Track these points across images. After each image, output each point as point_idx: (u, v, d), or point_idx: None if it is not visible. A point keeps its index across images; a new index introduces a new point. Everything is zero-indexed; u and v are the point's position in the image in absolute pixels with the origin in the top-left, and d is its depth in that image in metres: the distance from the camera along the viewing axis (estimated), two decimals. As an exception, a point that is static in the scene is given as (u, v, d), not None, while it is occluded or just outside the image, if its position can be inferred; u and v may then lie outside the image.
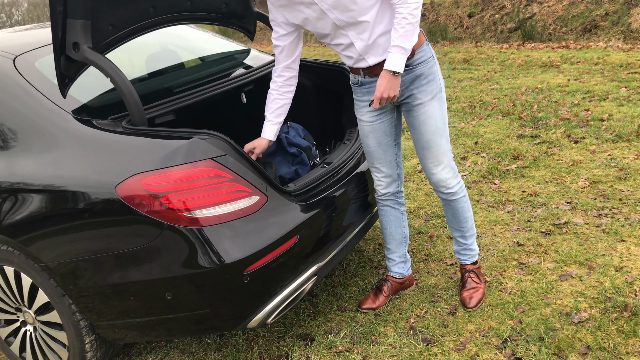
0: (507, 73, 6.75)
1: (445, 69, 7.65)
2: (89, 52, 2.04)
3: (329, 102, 3.00)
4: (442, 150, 2.25)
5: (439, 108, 2.21)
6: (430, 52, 2.18)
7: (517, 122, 4.77)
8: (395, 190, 2.46)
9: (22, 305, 2.30)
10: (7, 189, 2.11)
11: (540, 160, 3.84)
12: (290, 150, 2.60)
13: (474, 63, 7.72)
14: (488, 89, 6.12)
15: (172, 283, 1.95)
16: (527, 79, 6.27)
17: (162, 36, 3.26)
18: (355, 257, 3.00)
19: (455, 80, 6.81)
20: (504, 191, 3.48)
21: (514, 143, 4.27)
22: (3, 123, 2.18)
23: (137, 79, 2.76)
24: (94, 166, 1.98)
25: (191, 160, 1.91)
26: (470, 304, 2.40)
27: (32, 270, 2.15)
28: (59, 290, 2.13)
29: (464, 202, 2.39)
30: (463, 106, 5.56)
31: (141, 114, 2.06)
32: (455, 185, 2.34)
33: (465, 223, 2.44)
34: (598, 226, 2.87)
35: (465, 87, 6.34)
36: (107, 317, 2.11)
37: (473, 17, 13.97)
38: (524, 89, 5.81)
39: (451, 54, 8.76)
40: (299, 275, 2.14)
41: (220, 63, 2.97)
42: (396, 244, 2.53)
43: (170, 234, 1.89)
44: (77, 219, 1.99)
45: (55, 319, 2.22)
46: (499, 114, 5.10)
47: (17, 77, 2.25)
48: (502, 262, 2.71)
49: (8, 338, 2.45)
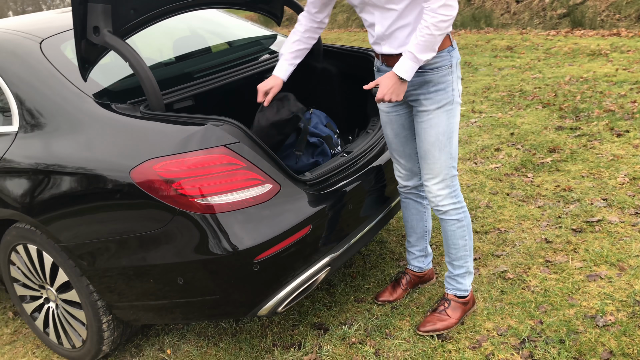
0: (551, 61, 6.49)
1: (487, 56, 7.43)
2: (109, 37, 2.05)
3: (354, 89, 2.94)
4: (439, 164, 2.11)
5: (446, 121, 2.06)
6: (449, 60, 2.02)
7: (558, 113, 4.59)
8: (416, 184, 2.37)
9: (45, 282, 2.37)
10: (25, 168, 2.16)
11: (578, 154, 3.68)
12: (311, 140, 2.56)
13: (517, 51, 7.46)
14: (530, 77, 5.90)
15: (183, 268, 1.96)
16: (573, 67, 6.02)
17: (192, 20, 3.26)
18: (377, 247, 2.96)
19: (496, 68, 6.60)
20: (537, 185, 3.35)
21: (552, 135, 4.11)
22: (27, 104, 2.22)
23: (160, 63, 2.77)
24: (110, 149, 2.00)
25: (204, 147, 1.91)
26: (421, 328, 2.24)
27: (53, 250, 2.20)
28: (77, 270, 2.17)
29: (456, 227, 2.19)
30: (502, 95, 5.39)
31: (158, 99, 2.06)
32: (447, 205, 2.16)
33: (454, 250, 2.24)
34: (634, 225, 2.73)
35: (506, 76, 6.14)
36: (122, 298, 2.14)
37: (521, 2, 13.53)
38: (567, 78, 5.58)
39: (494, 41, 8.50)
40: (311, 265, 2.11)
41: (245, 48, 2.95)
42: (417, 237, 2.47)
43: (181, 220, 1.90)
44: (92, 201, 2.02)
45: (75, 298, 2.27)
46: (539, 104, 4.91)
47: (43, 60, 2.29)
48: (527, 259, 2.61)
49: (33, 313, 2.53)
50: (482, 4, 14.43)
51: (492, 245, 2.79)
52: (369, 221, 2.37)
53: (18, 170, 2.19)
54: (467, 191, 3.42)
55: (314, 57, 2.98)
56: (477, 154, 4.00)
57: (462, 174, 3.70)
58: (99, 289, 2.16)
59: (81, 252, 2.10)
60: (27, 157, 2.18)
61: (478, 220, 3.05)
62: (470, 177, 3.62)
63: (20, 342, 2.66)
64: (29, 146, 2.19)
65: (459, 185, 2.18)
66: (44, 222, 2.13)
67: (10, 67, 2.31)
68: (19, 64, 2.30)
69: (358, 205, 2.30)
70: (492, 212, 3.11)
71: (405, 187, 2.39)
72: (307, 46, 2.35)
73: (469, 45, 8.50)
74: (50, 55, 2.30)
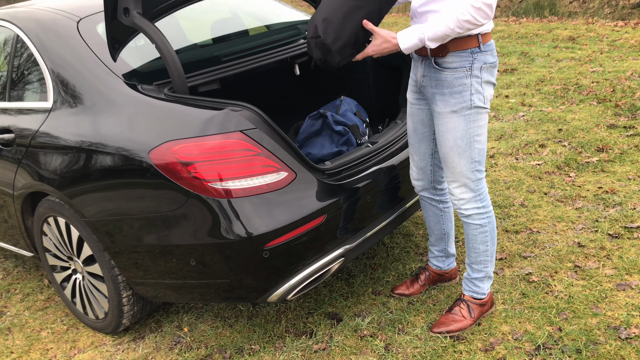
0: (614, 54, 6.14)
1: (547, 46, 7.11)
2: (138, 18, 2.08)
3: (387, 78, 2.89)
4: (459, 169, 2.02)
5: (464, 126, 1.96)
6: (470, 62, 1.90)
7: (612, 110, 4.35)
8: (427, 186, 2.28)
9: (72, 254, 2.47)
10: (56, 144, 2.24)
11: (627, 155, 3.48)
12: (336, 129, 2.53)
13: (579, 42, 7.10)
14: (588, 71, 5.61)
15: (196, 250, 1.99)
16: (637, 62, 5.67)
17: (232, 2, 3.27)
18: (402, 240, 2.91)
19: (554, 60, 6.31)
20: (578, 185, 3.20)
21: (603, 133, 3.90)
22: (63, 81, 2.30)
23: (195, 44, 2.80)
24: (133, 129, 2.05)
25: (221, 132, 1.92)
26: (434, 328, 2.19)
27: (79, 224, 2.29)
28: (100, 245, 2.25)
29: (478, 232, 2.12)
30: (555, 89, 5.15)
31: (182, 81, 2.09)
32: (470, 210, 2.08)
33: (474, 254, 2.17)
34: (676, 234, 2.57)
35: (563, 68, 5.86)
36: (140, 275, 2.21)
37: (592, -10, 12.85)
38: (629, 73, 5.26)
39: (556, 31, 8.13)
40: (324, 255, 2.10)
41: (280, 32, 2.94)
42: (435, 238, 2.40)
43: (195, 203, 1.92)
44: (113, 179, 2.08)
45: (98, 272, 2.36)
46: (594, 99, 4.67)
47: (79, 38, 2.36)
48: (555, 263, 2.50)
49: (63, 283, 2.65)
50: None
51: (521, 245, 2.69)
52: (388, 215, 2.33)
53: (50, 145, 2.28)
54: (504, 188, 3.31)
55: (349, 44, 2.94)
56: (519, 149, 3.85)
57: (501, 170, 3.57)
58: (119, 264, 2.23)
59: (102, 228, 2.17)
60: (58, 132, 2.26)
61: (510, 218, 2.95)
62: (509, 173, 3.50)
63: (52, 309, 2.80)
64: (61, 122, 2.28)
65: (485, 189, 2.09)
66: (69, 196, 2.22)
67: (48, 44, 2.40)
68: (57, 42, 2.38)
69: (377, 198, 2.27)
70: (526, 211, 2.99)
71: (417, 187, 2.31)
72: None
73: (529, 35, 8.16)
74: (85, 35, 2.37)
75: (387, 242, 2.92)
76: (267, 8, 3.26)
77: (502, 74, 6.05)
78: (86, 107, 2.21)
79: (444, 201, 2.33)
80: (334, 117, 2.57)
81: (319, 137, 2.60)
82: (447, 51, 1.91)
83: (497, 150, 3.89)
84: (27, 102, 2.51)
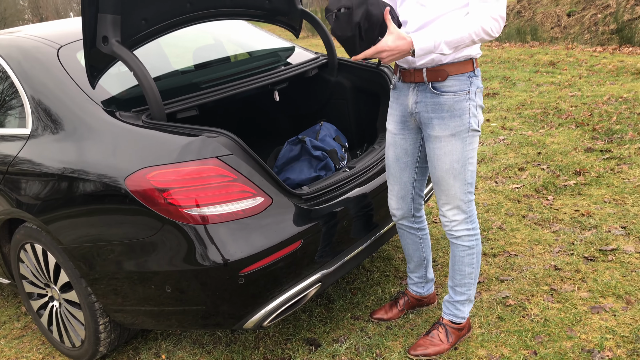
0: (593, 79, 6.28)
1: (528, 71, 7.25)
2: (117, 46, 2.11)
3: (366, 104, 2.93)
4: (453, 192, 2.04)
5: (461, 149, 1.98)
6: (468, 86, 1.94)
7: (590, 133, 4.43)
8: (407, 215, 2.29)
9: (49, 281, 2.45)
10: (33, 170, 2.25)
11: (603, 178, 3.54)
12: (315, 154, 2.56)
13: (559, 66, 7.25)
14: (568, 95, 5.72)
15: (171, 277, 1.99)
16: (614, 87, 5.80)
17: (216, 29, 3.31)
18: (382, 264, 2.92)
19: (535, 84, 6.43)
20: (555, 208, 3.24)
21: (580, 156, 3.97)
22: (42, 107, 2.31)
23: (176, 71, 2.83)
24: (109, 156, 2.06)
25: (197, 158, 1.94)
26: (412, 351, 2.20)
27: (56, 251, 2.28)
28: (77, 272, 2.24)
29: (466, 253, 2.14)
30: (536, 112, 5.24)
31: (160, 108, 2.11)
32: (460, 231, 2.11)
33: (459, 276, 2.18)
34: (650, 257, 2.61)
35: (543, 92, 5.97)
36: (117, 302, 2.19)
37: (573, 16, 13.15)
38: (606, 97, 5.38)
39: (538, 56, 8.29)
40: (301, 280, 2.11)
41: (260, 59, 2.98)
42: (414, 264, 2.42)
43: (170, 229, 1.93)
44: (89, 206, 2.08)
45: (75, 299, 2.34)
46: (573, 123, 4.76)
47: (59, 66, 2.38)
48: (532, 286, 2.53)
49: (39, 310, 2.62)
50: (532, 17, 14.12)
51: (499, 269, 2.71)
52: (365, 239, 2.35)
53: (27, 172, 2.28)
54: (483, 211, 3.35)
55: (328, 71, 2.99)
56: (499, 172, 3.90)
57: (480, 193, 3.62)
58: (96, 291, 2.22)
59: (80, 254, 2.16)
60: (36, 159, 2.27)
61: (488, 242, 2.98)
62: (488, 197, 3.54)
63: (28, 338, 2.76)
64: (39, 148, 2.28)
65: (475, 211, 2.12)
66: (46, 223, 2.21)
67: (29, 71, 2.42)
68: (37, 69, 2.40)
69: (354, 223, 2.29)
70: (504, 235, 3.03)
71: (396, 216, 2.32)
72: None
73: (511, 59, 8.31)
74: (65, 62, 2.39)
75: (366, 265, 2.93)
76: (250, 35, 3.31)
77: (484, 98, 6.14)
78: (65, 133, 2.22)
79: (422, 228, 2.35)
80: (313, 142, 2.60)
81: (298, 162, 2.63)
82: (447, 75, 1.92)
83: (478, 174, 3.94)
84: (6, 128, 2.52)
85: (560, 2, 13.56)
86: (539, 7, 14.08)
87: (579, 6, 12.87)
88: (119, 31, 2.14)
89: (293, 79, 2.80)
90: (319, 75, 3.00)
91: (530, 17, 14.33)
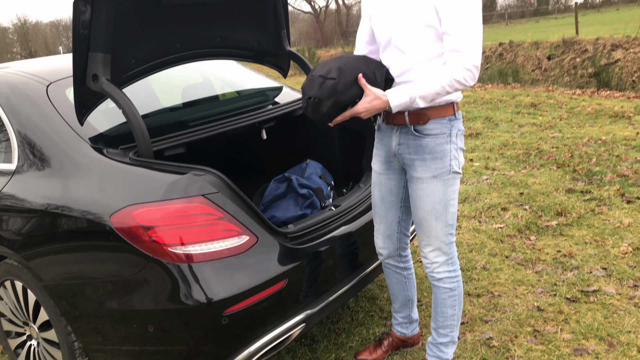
0: (573, 121, 6.44)
1: (510, 112, 7.41)
2: (106, 84, 2.13)
3: (352, 143, 2.97)
4: (434, 233, 2.06)
5: (442, 190, 2.01)
6: (449, 129, 1.98)
7: (571, 174, 4.52)
8: (393, 254, 2.31)
9: (28, 320, 2.40)
10: (16, 206, 2.23)
11: (584, 219, 3.60)
12: (301, 192, 2.58)
13: (540, 108, 7.43)
14: (549, 136, 5.85)
15: (154, 316, 1.97)
16: (593, 129, 5.95)
17: (204, 67, 3.36)
18: (367, 304, 2.92)
19: (517, 125, 6.57)
20: (538, 249, 3.28)
21: (562, 197, 4.03)
22: (28, 143, 2.31)
23: (165, 109, 2.86)
24: (95, 193, 2.06)
25: (183, 196, 1.94)
26: None
27: (36, 288, 2.24)
28: (57, 310, 2.20)
29: (447, 295, 2.14)
30: (518, 153, 5.34)
31: (148, 146, 2.12)
32: (441, 273, 2.12)
33: (442, 318, 2.18)
34: (631, 298, 2.63)
35: (525, 133, 6.10)
36: (97, 341, 2.15)
37: (553, 59, 13.53)
38: (586, 139, 5.51)
39: (519, 97, 8.48)
40: (285, 320, 2.09)
41: (248, 98, 3.02)
42: (399, 304, 2.42)
43: (154, 267, 1.92)
44: (73, 243, 2.06)
45: (54, 338, 2.29)
46: (554, 164, 4.85)
47: (48, 102, 2.39)
48: (516, 327, 2.53)
49: (17, 349, 2.56)
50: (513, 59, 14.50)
51: (483, 309, 2.72)
52: (351, 279, 2.35)
53: (10, 207, 2.26)
54: (467, 251, 3.37)
55: (315, 111, 3.04)
56: (482, 212, 3.95)
57: (464, 233, 3.65)
58: (76, 330, 2.18)
59: (61, 292, 2.13)
60: (21, 194, 2.26)
61: (472, 282, 2.99)
62: (471, 236, 3.57)
63: (4, 376, 2.69)
64: (25, 184, 2.27)
65: (456, 252, 2.13)
66: (27, 259, 2.19)
67: (17, 106, 2.42)
68: (25, 105, 2.41)
69: (339, 262, 2.29)
70: (487, 275, 3.04)
71: (382, 255, 2.33)
72: None
73: (494, 100, 8.50)
74: (54, 98, 2.41)
75: (351, 305, 2.92)
76: (238, 74, 3.36)
77: (468, 138, 6.25)
78: (51, 170, 2.22)
79: (408, 268, 2.36)
80: (299, 181, 2.62)
81: (284, 200, 2.64)
82: (428, 118, 1.97)
83: (461, 213, 3.98)
84: (-9, 163, 2.51)
85: (541, 46, 13.97)
86: (520, 50, 14.49)
87: (559, 50, 13.27)
88: (109, 69, 2.17)
89: (280, 118, 2.84)
90: (305, 115, 3.05)
91: (511, 59, 14.71)
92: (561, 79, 11.77)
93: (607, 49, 11.48)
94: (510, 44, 14.63)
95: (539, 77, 12.98)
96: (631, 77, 10.76)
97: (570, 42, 12.77)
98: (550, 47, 13.35)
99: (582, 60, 12.11)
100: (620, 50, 11.40)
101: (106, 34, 2.09)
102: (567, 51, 13.00)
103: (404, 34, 1.95)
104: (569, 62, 12.65)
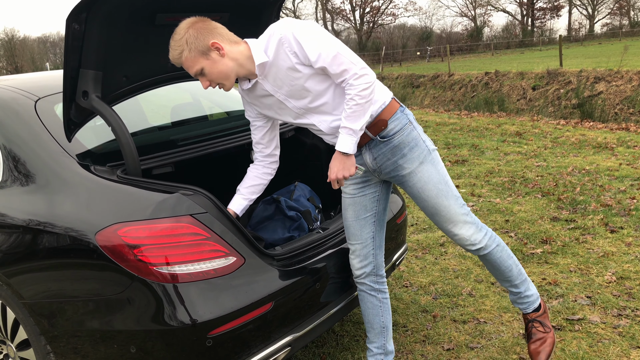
0: (557, 151, 6.53)
1: (496, 140, 7.50)
2: (96, 101, 2.12)
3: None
4: (452, 210, 2.13)
5: (434, 170, 2.11)
6: (406, 118, 2.10)
7: (555, 203, 4.56)
8: (370, 273, 2.30)
9: (6, 338, 2.34)
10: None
11: (569, 247, 3.62)
12: (289, 214, 2.57)
13: (526, 137, 7.53)
14: (534, 165, 5.92)
15: (137, 336, 1.93)
16: (577, 158, 6.04)
17: (194, 87, 3.37)
18: (352, 328, 2.89)
19: (502, 153, 6.65)
20: (523, 276, 3.28)
21: (547, 225, 4.07)
22: (14, 158, 2.28)
23: (153, 127, 2.85)
24: (81, 210, 2.03)
25: (170, 215, 1.92)
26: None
27: (16, 306, 2.19)
28: (37, 329, 2.15)
29: (499, 252, 2.22)
30: (503, 181, 5.39)
31: (136, 164, 2.11)
32: (482, 240, 2.17)
33: (509, 272, 2.26)
34: (615, 327, 2.64)
35: (511, 162, 6.17)
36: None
37: (537, 89, 13.76)
38: (570, 169, 5.58)
39: (505, 126, 8.60)
40: (270, 344, 2.07)
41: (237, 120, 3.02)
42: (374, 333, 2.38)
43: (139, 287, 1.88)
44: (55, 260, 2.03)
45: (32, 358, 2.23)
46: (539, 192, 4.90)
47: (35, 118, 2.37)
48: (501, 355, 2.52)
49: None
50: (499, 88, 14.73)
51: (468, 336, 2.71)
52: (337, 302, 2.33)
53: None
54: (452, 277, 3.37)
55: (304, 133, 3.05)
56: (468, 238, 3.95)
57: (450, 258, 3.65)
58: (55, 349, 2.13)
59: (41, 310, 2.09)
60: (4, 210, 2.22)
61: (458, 308, 2.98)
62: (457, 262, 3.57)
63: (-23, 397, 2.61)
64: (7, 199, 2.24)
65: (476, 217, 2.21)
66: (7, 276, 2.14)
67: (3, 121, 2.39)
68: (12, 120, 2.38)
69: (326, 285, 2.27)
70: (473, 301, 3.04)
71: (358, 277, 2.31)
72: (265, 182, 2.37)
73: (480, 128, 8.61)
74: (42, 114, 2.39)
75: (337, 329, 2.89)
76: (228, 95, 3.37)
77: (454, 164, 6.31)
78: (36, 185, 2.19)
79: (383, 290, 2.35)
80: (287, 203, 2.61)
81: (272, 222, 2.63)
82: (385, 121, 2.05)
83: (447, 239, 3.99)
84: (-26, 178, 2.47)
85: (526, 76, 14.23)
86: (505, 80, 14.74)
87: (543, 81, 13.52)
88: (99, 87, 2.16)
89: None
90: (295, 137, 3.05)
91: (497, 88, 14.95)
92: (545, 109, 11.97)
93: (591, 81, 11.72)
94: (496, 73, 14.88)
95: (524, 106, 13.19)
96: (613, 109, 10.99)
97: (555, 73, 13.02)
98: (535, 77, 13.59)
99: (566, 91, 12.35)
100: (603, 82, 11.64)
101: (98, 51, 2.09)
102: (552, 82, 13.25)
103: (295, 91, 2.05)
104: (553, 93, 12.88)
